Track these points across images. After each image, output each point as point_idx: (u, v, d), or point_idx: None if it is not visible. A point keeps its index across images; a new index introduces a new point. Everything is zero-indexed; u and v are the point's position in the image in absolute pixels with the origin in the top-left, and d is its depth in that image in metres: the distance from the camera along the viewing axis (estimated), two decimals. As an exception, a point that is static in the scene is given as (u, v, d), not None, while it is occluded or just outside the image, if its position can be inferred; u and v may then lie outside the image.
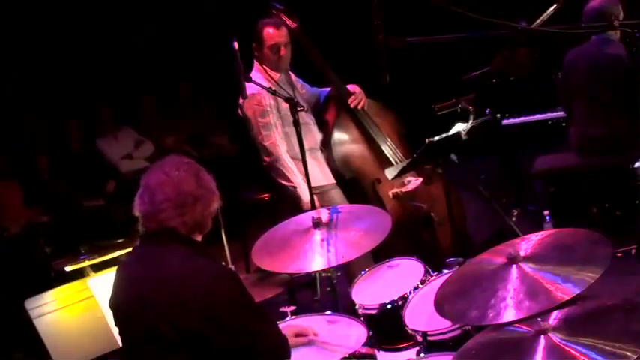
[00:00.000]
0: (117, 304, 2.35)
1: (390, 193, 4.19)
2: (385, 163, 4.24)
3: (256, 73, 3.93)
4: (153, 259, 2.25)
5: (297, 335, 2.67)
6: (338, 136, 4.24)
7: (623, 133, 4.21)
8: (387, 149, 4.28)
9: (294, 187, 3.91)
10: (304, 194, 3.85)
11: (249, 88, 3.74)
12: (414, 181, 4.19)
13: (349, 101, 4.20)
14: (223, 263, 2.99)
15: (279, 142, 3.94)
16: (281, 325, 2.72)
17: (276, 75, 4.02)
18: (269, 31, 3.97)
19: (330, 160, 4.22)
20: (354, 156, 4.27)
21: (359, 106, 4.23)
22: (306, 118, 4.11)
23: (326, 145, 4.23)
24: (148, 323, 2.16)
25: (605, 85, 4.23)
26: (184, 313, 2.11)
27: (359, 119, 4.28)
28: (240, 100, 3.90)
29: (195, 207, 2.24)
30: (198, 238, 2.33)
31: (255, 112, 3.91)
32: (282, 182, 3.95)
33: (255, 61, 3.97)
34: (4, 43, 6.08)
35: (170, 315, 2.12)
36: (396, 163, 4.24)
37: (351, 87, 4.26)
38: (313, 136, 4.17)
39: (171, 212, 2.21)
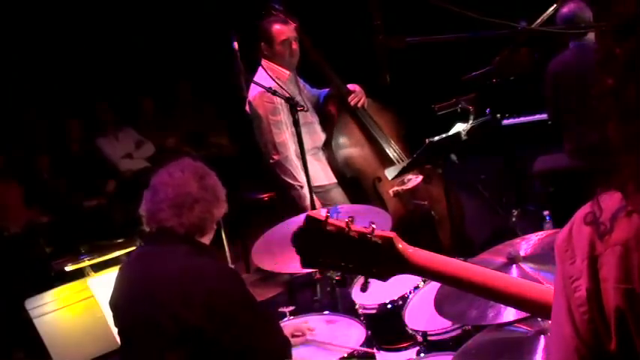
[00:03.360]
0: (117, 302, 2.35)
1: (391, 192, 4.19)
2: (386, 161, 4.24)
3: (262, 73, 3.91)
4: (154, 258, 2.25)
5: (293, 335, 2.67)
6: (338, 135, 4.25)
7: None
8: (388, 148, 4.28)
9: (301, 186, 3.91)
10: (308, 197, 3.86)
11: (257, 87, 3.74)
12: (414, 179, 4.19)
13: (349, 99, 4.20)
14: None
15: (289, 140, 3.94)
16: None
17: (285, 73, 4.02)
18: (278, 27, 3.97)
19: (331, 159, 4.22)
20: (354, 155, 4.28)
21: (359, 105, 4.24)
22: (311, 118, 4.12)
23: (327, 144, 4.23)
24: (148, 320, 2.17)
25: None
26: (185, 309, 2.11)
27: (359, 118, 4.28)
28: (250, 97, 3.89)
29: (193, 209, 2.24)
30: (203, 239, 2.33)
31: (267, 109, 3.90)
32: (290, 181, 3.94)
33: (263, 59, 3.97)
34: (4, 43, 6.08)
35: (171, 310, 2.12)
36: (397, 161, 4.25)
37: (351, 86, 4.26)
38: (318, 136, 4.17)
39: (169, 212, 2.23)
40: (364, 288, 1.54)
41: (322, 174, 4.11)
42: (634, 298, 0.97)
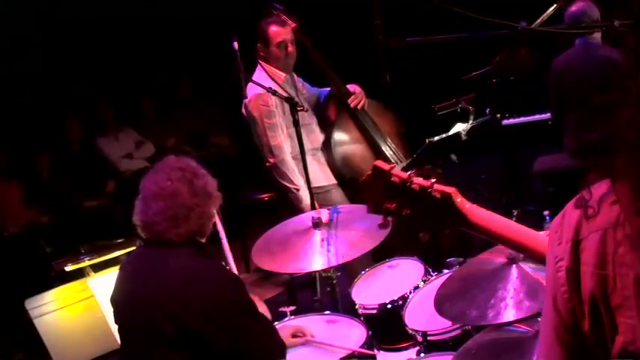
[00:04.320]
0: (118, 301, 2.35)
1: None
2: (385, 162, 4.23)
3: (260, 74, 3.90)
4: (156, 259, 2.25)
5: (294, 335, 2.67)
6: (338, 136, 4.24)
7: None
8: (387, 149, 4.28)
9: (297, 189, 3.91)
10: (306, 196, 3.86)
11: (253, 88, 3.74)
12: None
13: (349, 101, 4.20)
14: (223, 263, 2.99)
15: (284, 143, 3.93)
16: (278, 325, 2.73)
17: (282, 75, 4.01)
18: (274, 29, 3.97)
19: (330, 160, 4.22)
20: (354, 156, 4.28)
21: (359, 106, 4.24)
22: (309, 119, 4.11)
23: (326, 145, 4.23)
24: (148, 320, 2.16)
25: (599, 89, 4.23)
26: (185, 311, 2.11)
27: (359, 119, 4.28)
28: (246, 100, 3.89)
29: (189, 218, 2.21)
30: (201, 239, 2.33)
31: (262, 112, 3.90)
32: (285, 184, 3.94)
33: (259, 61, 3.96)
34: (4, 43, 6.08)
35: (171, 312, 2.12)
36: (396, 162, 4.24)
37: (351, 87, 4.26)
38: (316, 137, 4.17)
39: (165, 224, 2.20)
40: (385, 225, 1.63)
41: (321, 175, 4.10)
42: (606, 284, 1.03)
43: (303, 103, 3.95)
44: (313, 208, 3.50)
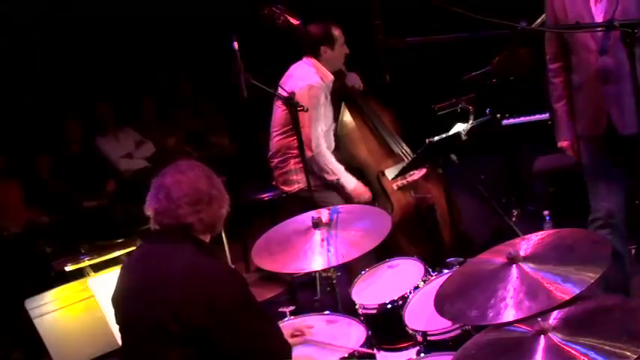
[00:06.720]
0: (119, 300, 2.35)
1: (395, 185, 4.22)
2: (390, 155, 4.29)
3: (309, 69, 4.01)
4: (159, 257, 2.26)
5: (293, 335, 2.67)
6: (343, 129, 4.28)
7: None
8: (391, 141, 4.31)
9: (338, 179, 4.00)
10: (348, 183, 4.01)
11: (306, 77, 3.87)
12: (417, 171, 4.22)
13: (346, 81, 4.29)
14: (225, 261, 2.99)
15: (321, 136, 4.02)
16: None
17: (330, 76, 4.09)
18: (337, 30, 4.07)
19: (335, 154, 4.25)
20: (359, 148, 4.31)
21: (356, 87, 4.32)
22: (332, 121, 4.20)
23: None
24: (151, 317, 2.17)
25: None
26: (187, 309, 2.12)
27: (364, 112, 4.31)
28: (296, 88, 3.86)
29: (211, 205, 2.29)
30: (207, 239, 2.34)
31: (312, 103, 3.92)
32: (326, 176, 4.01)
33: (311, 59, 4.04)
34: (4, 43, 6.08)
35: (174, 308, 2.13)
36: (400, 154, 4.28)
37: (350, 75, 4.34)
38: (331, 139, 4.22)
39: (188, 208, 2.25)
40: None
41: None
42: None
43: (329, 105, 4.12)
44: (315, 206, 3.51)
